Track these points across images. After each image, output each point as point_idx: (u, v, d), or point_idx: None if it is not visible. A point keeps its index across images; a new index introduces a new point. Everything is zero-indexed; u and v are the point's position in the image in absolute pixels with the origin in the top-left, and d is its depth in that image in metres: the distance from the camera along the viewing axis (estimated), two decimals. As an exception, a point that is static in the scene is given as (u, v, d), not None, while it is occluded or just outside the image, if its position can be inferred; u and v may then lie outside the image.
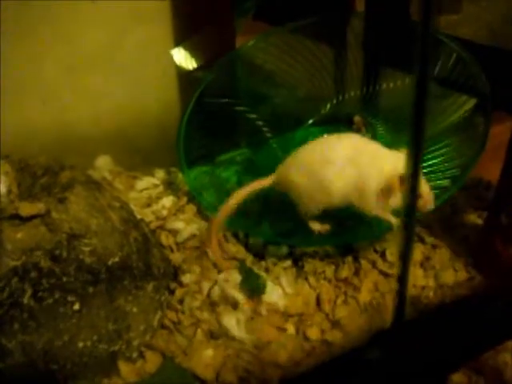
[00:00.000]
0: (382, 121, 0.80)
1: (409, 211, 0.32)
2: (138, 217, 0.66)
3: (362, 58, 0.93)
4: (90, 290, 0.55)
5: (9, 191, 0.64)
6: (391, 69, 0.89)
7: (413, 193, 0.32)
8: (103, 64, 0.92)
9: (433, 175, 0.70)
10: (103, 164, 0.80)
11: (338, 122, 0.83)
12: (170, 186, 0.82)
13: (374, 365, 0.36)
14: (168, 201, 0.75)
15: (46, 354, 0.53)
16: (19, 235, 0.55)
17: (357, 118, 0.79)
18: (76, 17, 0.82)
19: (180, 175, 0.82)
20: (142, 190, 0.78)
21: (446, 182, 0.70)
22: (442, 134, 0.72)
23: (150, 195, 0.78)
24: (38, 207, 0.57)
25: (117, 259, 0.58)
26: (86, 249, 0.56)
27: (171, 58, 0.96)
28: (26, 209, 0.57)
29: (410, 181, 0.32)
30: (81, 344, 0.54)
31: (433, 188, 0.67)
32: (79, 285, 0.54)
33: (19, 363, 0.52)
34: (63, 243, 0.55)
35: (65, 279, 0.54)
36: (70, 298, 0.54)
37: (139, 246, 0.61)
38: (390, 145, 0.72)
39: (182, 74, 0.98)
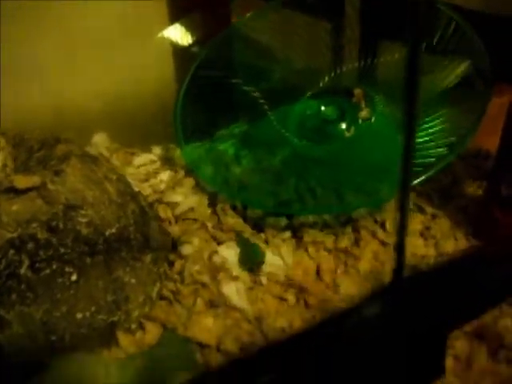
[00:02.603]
0: (382, 93, 0.79)
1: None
2: (136, 190, 0.66)
3: (360, 31, 0.92)
4: (88, 260, 0.55)
5: (4, 165, 0.63)
6: (389, 41, 0.88)
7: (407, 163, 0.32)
8: (100, 41, 0.91)
9: (432, 143, 0.69)
10: (100, 141, 0.80)
11: (337, 95, 0.82)
12: (168, 162, 0.81)
13: (373, 322, 0.35)
14: (165, 175, 0.75)
15: (45, 325, 0.52)
16: (15, 207, 0.54)
17: (357, 91, 0.78)
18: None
19: (178, 151, 0.81)
20: (139, 166, 0.77)
21: (445, 151, 0.70)
22: (440, 102, 0.72)
23: (148, 171, 0.77)
24: (34, 180, 0.57)
25: (114, 230, 0.57)
26: (83, 220, 0.56)
27: (167, 35, 0.95)
28: (22, 181, 0.57)
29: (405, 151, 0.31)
30: (79, 315, 0.54)
31: (432, 156, 0.66)
32: (76, 256, 0.54)
33: (18, 334, 0.52)
34: (60, 214, 0.55)
35: (62, 250, 0.53)
36: (67, 269, 0.53)
37: (137, 218, 0.61)
38: (389, 117, 0.71)
39: (178, 51, 0.97)
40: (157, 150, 0.84)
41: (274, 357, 0.34)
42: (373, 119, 0.78)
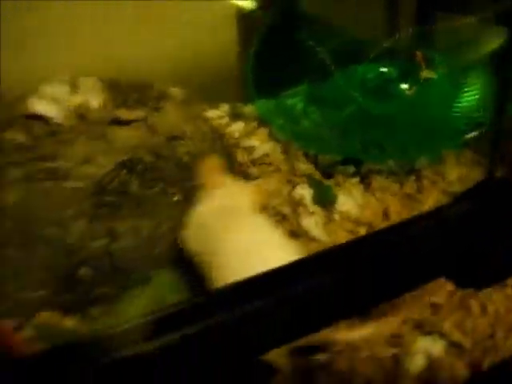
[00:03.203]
0: (441, 57, 0.84)
1: None
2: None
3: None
4: (188, 184, 0.60)
5: (104, 105, 0.70)
6: (443, 12, 0.93)
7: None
8: (168, 7, 0.97)
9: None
10: (174, 94, 0.85)
11: (397, 58, 0.87)
12: (236, 117, 0.87)
13: (461, 218, 0.41)
14: (238, 126, 0.81)
15: (150, 240, 0.58)
16: (125, 134, 0.60)
17: (417, 53, 0.83)
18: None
19: (244, 107, 0.87)
20: (209, 120, 0.83)
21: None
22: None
23: (220, 123, 0.83)
24: (136, 113, 0.63)
25: None
26: (183, 149, 0.61)
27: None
28: (125, 115, 0.63)
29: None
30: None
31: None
32: (178, 179, 0.60)
33: (127, 246, 0.57)
34: (163, 143, 0.60)
35: (167, 173, 0.59)
36: (171, 190, 0.59)
37: (225, 153, 0.66)
38: (447, 77, 0.77)
39: (242, 14, 1.02)
40: (224, 107, 0.90)
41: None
42: (433, 79, 0.83)
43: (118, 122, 0.62)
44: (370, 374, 0.55)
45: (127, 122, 0.61)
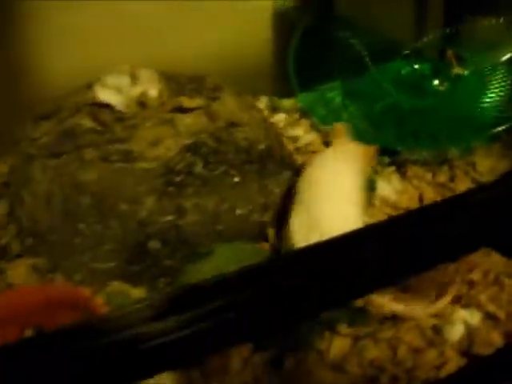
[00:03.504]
0: (471, 55, 0.90)
1: None
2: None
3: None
4: (246, 167, 0.66)
5: (161, 95, 0.76)
6: (470, 14, 1.00)
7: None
8: (206, 7, 1.03)
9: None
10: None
11: (429, 56, 0.94)
12: (274, 110, 0.93)
13: None
14: (280, 117, 0.87)
15: (213, 216, 0.64)
16: (188, 120, 0.66)
17: (449, 52, 0.89)
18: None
19: (281, 101, 0.93)
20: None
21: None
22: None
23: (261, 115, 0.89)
24: (197, 102, 0.69)
25: (263, 146, 0.69)
26: (241, 135, 0.67)
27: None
28: (187, 103, 0.69)
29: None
30: (239, 211, 0.66)
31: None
32: (238, 162, 0.66)
33: (193, 221, 0.63)
34: (223, 129, 0.66)
35: (227, 156, 0.65)
36: (232, 172, 0.65)
37: (276, 140, 0.72)
38: (477, 74, 0.83)
39: (277, 16, 1.09)
40: (263, 100, 0.96)
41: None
42: (463, 75, 0.89)
43: (181, 110, 0.67)
44: (413, 342, 0.60)
45: (189, 110, 0.67)
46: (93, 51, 0.93)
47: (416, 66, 0.90)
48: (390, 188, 0.76)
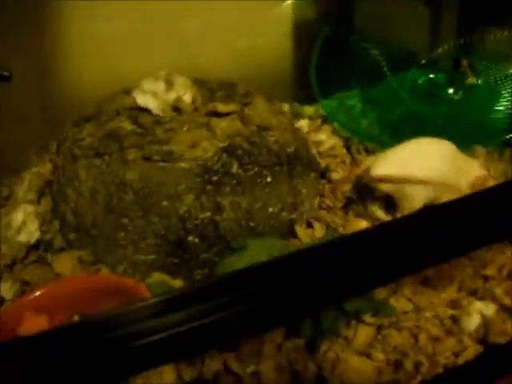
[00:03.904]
0: (484, 65, 0.96)
1: None
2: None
3: (459, 15, 1.08)
4: (277, 168, 0.72)
5: (194, 100, 0.81)
6: (483, 25, 1.05)
7: None
8: (229, 17, 1.08)
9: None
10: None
11: (443, 66, 0.99)
12: (296, 116, 0.98)
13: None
14: (304, 123, 0.92)
15: (248, 214, 0.69)
16: (223, 124, 0.72)
17: (463, 62, 0.94)
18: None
19: (302, 108, 0.99)
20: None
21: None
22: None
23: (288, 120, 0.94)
24: (231, 106, 0.74)
25: (292, 149, 0.74)
26: (272, 139, 0.73)
27: (289, 10, 1.12)
28: (222, 108, 0.74)
29: None
30: (270, 209, 0.71)
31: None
32: (270, 163, 0.71)
33: (229, 218, 0.68)
34: (255, 133, 0.72)
35: (260, 158, 0.70)
36: (264, 172, 0.70)
37: (303, 144, 0.78)
38: (490, 84, 0.89)
39: (297, 27, 1.14)
40: (285, 107, 1.01)
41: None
42: (477, 85, 0.94)
43: (216, 114, 0.73)
44: (433, 331, 0.65)
45: (224, 114, 0.72)
46: (120, 59, 0.98)
47: (431, 76, 0.95)
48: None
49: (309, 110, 0.95)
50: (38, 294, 0.62)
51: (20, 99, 0.87)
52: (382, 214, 0.76)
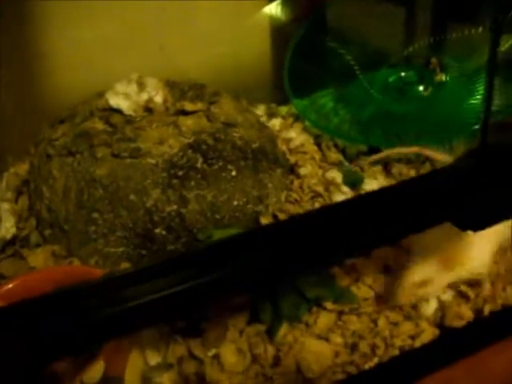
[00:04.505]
0: (453, 62, 0.99)
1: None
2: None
3: (431, 14, 1.11)
4: (242, 163, 0.74)
5: (165, 100, 0.84)
6: (455, 22, 1.08)
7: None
8: (207, 21, 1.12)
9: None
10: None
11: (414, 64, 1.02)
12: (271, 116, 1.01)
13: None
14: (277, 121, 0.95)
15: (213, 206, 0.72)
16: (189, 122, 0.75)
17: (433, 60, 0.97)
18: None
19: (278, 108, 1.02)
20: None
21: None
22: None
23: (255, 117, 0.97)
24: (198, 105, 0.77)
25: (257, 145, 0.77)
26: (237, 135, 0.76)
27: (266, 14, 1.15)
28: (189, 106, 0.77)
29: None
30: (235, 202, 0.74)
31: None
32: (234, 158, 0.74)
33: (194, 210, 0.71)
34: (220, 129, 0.75)
35: (225, 153, 0.73)
36: (229, 167, 0.73)
37: (269, 140, 0.81)
38: (459, 81, 0.91)
39: (275, 29, 1.17)
40: (261, 108, 1.05)
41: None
42: (446, 82, 0.97)
43: (183, 112, 0.76)
44: (391, 316, 0.68)
45: (191, 112, 0.75)
46: (101, 63, 1.02)
47: (402, 74, 0.98)
48: (376, 183, 0.84)
49: (283, 109, 0.98)
50: (10, 286, 0.65)
51: (0, 103, 0.90)
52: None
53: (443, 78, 0.95)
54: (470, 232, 0.52)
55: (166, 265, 0.46)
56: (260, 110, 1.02)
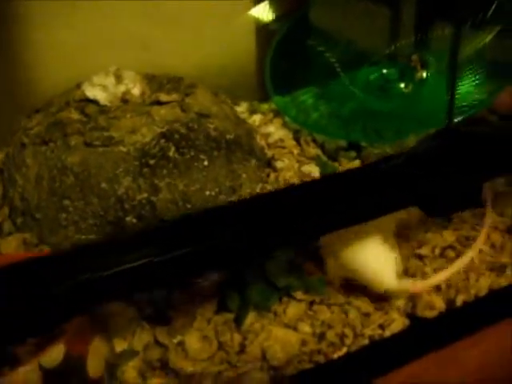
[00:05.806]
0: (434, 60, 0.99)
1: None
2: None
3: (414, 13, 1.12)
4: (215, 153, 0.74)
5: (143, 92, 0.84)
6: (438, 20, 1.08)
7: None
8: (191, 19, 1.12)
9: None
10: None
11: (396, 62, 1.02)
12: (253, 112, 1.01)
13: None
14: (257, 117, 0.95)
15: (184, 195, 0.72)
16: (162, 111, 0.75)
17: (414, 57, 0.98)
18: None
19: (260, 105, 1.02)
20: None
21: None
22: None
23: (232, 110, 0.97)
24: (173, 96, 0.77)
25: (232, 136, 0.77)
26: (211, 126, 0.76)
27: (251, 13, 1.16)
28: (164, 97, 0.77)
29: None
30: (207, 192, 0.74)
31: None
32: (208, 148, 0.74)
33: (166, 199, 0.71)
34: (194, 119, 0.75)
35: (197, 142, 0.73)
36: (201, 156, 0.73)
37: (247, 133, 0.81)
38: (439, 77, 0.92)
39: (259, 29, 1.18)
40: (243, 105, 1.05)
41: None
42: (427, 79, 0.97)
43: (158, 103, 0.76)
44: (362, 307, 0.68)
45: (166, 103, 0.75)
46: (84, 62, 1.02)
47: (384, 71, 0.98)
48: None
49: (264, 106, 0.98)
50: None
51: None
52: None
53: (424, 74, 0.95)
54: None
55: (129, 239, 0.46)
56: (242, 107, 1.02)
